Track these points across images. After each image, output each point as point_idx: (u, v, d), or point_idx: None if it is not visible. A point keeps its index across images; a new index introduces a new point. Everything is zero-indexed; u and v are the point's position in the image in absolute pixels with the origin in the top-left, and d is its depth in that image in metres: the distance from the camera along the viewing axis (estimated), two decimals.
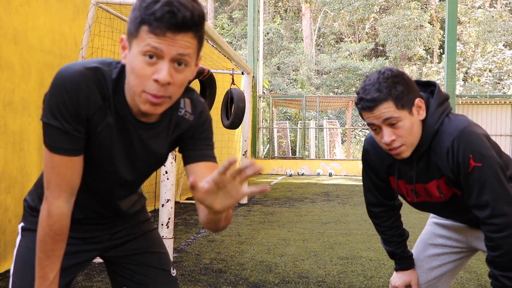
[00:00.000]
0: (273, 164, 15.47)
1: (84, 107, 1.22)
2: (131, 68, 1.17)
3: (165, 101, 1.19)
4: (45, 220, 1.27)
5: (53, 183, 1.26)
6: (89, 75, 1.22)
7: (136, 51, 1.15)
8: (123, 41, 1.21)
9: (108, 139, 1.29)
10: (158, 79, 1.14)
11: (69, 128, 1.22)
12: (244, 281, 3.50)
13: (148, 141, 1.34)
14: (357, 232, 5.42)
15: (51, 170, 1.26)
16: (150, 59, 1.14)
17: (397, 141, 1.61)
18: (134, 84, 1.18)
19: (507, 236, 1.56)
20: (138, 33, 1.14)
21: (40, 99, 4.05)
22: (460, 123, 1.61)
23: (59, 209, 1.27)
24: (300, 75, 25.62)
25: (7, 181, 3.64)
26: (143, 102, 1.19)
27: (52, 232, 1.27)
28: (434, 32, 26.65)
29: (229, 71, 7.04)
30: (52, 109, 1.21)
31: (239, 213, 6.81)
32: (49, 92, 1.22)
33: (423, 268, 1.97)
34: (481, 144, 1.57)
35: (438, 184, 1.70)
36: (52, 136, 1.23)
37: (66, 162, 1.25)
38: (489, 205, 1.57)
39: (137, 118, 1.30)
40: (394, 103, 1.57)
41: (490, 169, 1.56)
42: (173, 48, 1.13)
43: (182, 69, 1.18)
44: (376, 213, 1.94)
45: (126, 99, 1.27)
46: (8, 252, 3.68)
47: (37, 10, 4.00)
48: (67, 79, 1.20)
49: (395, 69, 1.63)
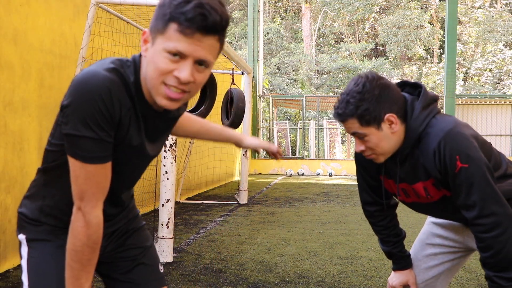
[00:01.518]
0: (273, 164, 15.47)
1: (118, 111, 1.22)
2: (153, 62, 1.18)
3: (184, 97, 1.22)
4: (83, 231, 1.25)
5: (89, 193, 1.24)
6: (116, 79, 1.22)
7: (161, 47, 1.16)
8: (146, 35, 1.22)
9: (136, 135, 1.31)
10: (179, 77, 1.17)
11: (103, 135, 1.20)
12: (244, 281, 3.50)
13: (164, 126, 1.40)
14: (357, 232, 5.42)
15: (85, 181, 1.23)
16: (174, 57, 1.16)
17: (367, 151, 1.70)
18: (153, 76, 1.19)
19: (496, 236, 1.56)
20: (166, 30, 1.15)
21: (40, 99, 4.05)
22: (447, 124, 1.61)
23: (97, 218, 1.26)
24: (300, 75, 25.61)
25: (7, 181, 3.64)
26: (162, 97, 1.21)
27: (91, 242, 1.26)
28: (434, 32, 26.64)
29: (229, 71, 7.04)
30: (84, 120, 1.17)
31: (239, 213, 6.81)
32: (76, 103, 1.17)
33: (421, 268, 1.97)
34: (468, 145, 1.57)
35: (425, 185, 1.71)
36: (85, 147, 1.20)
37: (100, 169, 1.24)
38: (477, 206, 1.57)
39: (156, 110, 1.32)
40: (358, 120, 1.63)
41: (477, 169, 1.56)
42: (198, 50, 1.15)
43: (203, 70, 1.20)
44: (372, 212, 1.95)
45: (145, 97, 1.29)
46: (8, 252, 3.68)
47: (37, 10, 4.00)
48: (99, 87, 1.17)
49: (372, 80, 1.62)
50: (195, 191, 9.02)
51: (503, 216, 1.57)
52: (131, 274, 1.53)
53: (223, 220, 6.14)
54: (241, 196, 7.82)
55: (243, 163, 7.96)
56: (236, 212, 6.91)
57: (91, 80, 1.17)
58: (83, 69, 1.25)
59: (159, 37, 1.16)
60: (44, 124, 4.11)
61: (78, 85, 1.17)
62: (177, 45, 1.14)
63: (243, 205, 7.61)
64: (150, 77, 1.20)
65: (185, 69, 1.16)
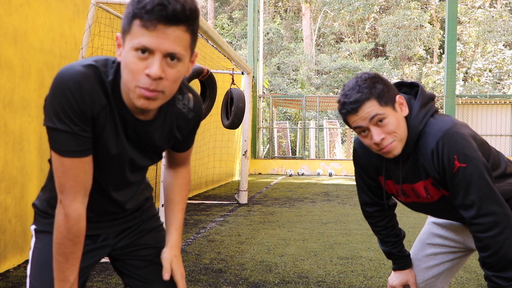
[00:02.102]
0: (273, 164, 15.47)
1: (89, 106, 1.22)
2: (125, 63, 1.18)
3: (159, 96, 1.20)
4: (62, 224, 1.27)
5: (67, 186, 1.26)
6: (90, 74, 1.22)
7: (129, 47, 1.16)
8: (118, 39, 1.22)
9: (114, 137, 1.30)
10: (149, 73, 1.15)
11: (77, 129, 1.21)
12: (244, 281, 3.50)
13: (146, 137, 1.36)
14: (357, 232, 5.42)
15: (63, 174, 1.25)
16: (142, 54, 1.15)
17: (387, 139, 1.61)
18: (128, 79, 1.18)
19: (494, 235, 1.56)
20: (131, 28, 1.15)
21: (40, 99, 4.05)
22: (445, 124, 1.61)
23: (76, 211, 1.27)
24: (300, 75, 25.61)
25: (7, 181, 3.64)
26: (138, 97, 1.19)
27: (71, 235, 1.28)
28: (434, 32, 26.65)
29: (229, 71, 7.04)
30: (57, 112, 1.19)
31: (239, 213, 6.81)
32: (51, 96, 1.21)
33: (421, 267, 1.97)
34: (466, 145, 1.57)
35: (425, 185, 1.71)
36: (60, 140, 1.22)
37: (77, 164, 1.25)
38: (475, 205, 1.57)
39: (135, 116, 1.31)
40: (377, 100, 1.59)
41: (475, 169, 1.56)
42: (164, 43, 1.13)
43: (175, 64, 1.18)
44: (371, 212, 1.94)
45: (123, 99, 1.27)
46: (8, 252, 3.68)
47: (37, 10, 4.00)
48: (69, 80, 1.19)
49: (371, 72, 1.65)
50: (195, 191, 9.02)
51: (501, 215, 1.57)
52: (143, 272, 1.53)
53: (223, 220, 6.14)
54: (241, 196, 7.82)
55: (243, 163, 7.96)
56: (236, 212, 6.91)
57: (64, 75, 1.20)
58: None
59: (127, 37, 1.17)
60: None
61: (54, 79, 1.21)
62: (141, 40, 1.13)
63: (243, 205, 7.61)
64: (126, 81, 1.20)
65: (154, 64, 1.14)
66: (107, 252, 1.52)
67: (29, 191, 3.93)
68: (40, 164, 4.07)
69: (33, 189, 3.97)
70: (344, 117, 1.65)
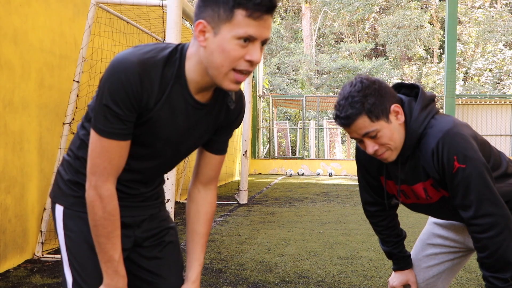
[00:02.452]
0: (273, 164, 15.47)
1: (144, 95, 1.25)
2: (222, 50, 1.20)
3: (245, 79, 1.27)
4: (97, 204, 1.29)
5: (101, 167, 1.28)
6: (148, 63, 1.25)
7: (230, 35, 1.19)
8: (201, 25, 1.22)
9: (166, 120, 1.32)
10: (252, 59, 1.21)
11: (123, 114, 1.24)
12: (244, 281, 3.50)
13: (201, 119, 1.38)
14: (357, 232, 5.42)
15: (99, 155, 1.28)
16: (244, 42, 1.20)
17: (380, 149, 1.64)
18: (222, 64, 1.22)
19: (492, 236, 1.56)
20: (233, 18, 1.18)
21: (40, 99, 4.05)
22: (445, 124, 1.61)
23: (109, 191, 1.30)
24: (300, 75, 25.62)
25: (7, 181, 3.64)
26: (230, 81, 1.24)
27: (107, 213, 1.30)
28: (434, 32, 26.65)
29: None
30: (109, 93, 1.23)
31: (239, 213, 6.81)
32: (107, 76, 1.24)
33: (421, 267, 1.97)
34: (466, 146, 1.57)
35: (425, 186, 1.71)
36: (104, 120, 1.25)
37: (115, 146, 1.27)
38: (474, 206, 1.57)
39: (195, 98, 1.34)
40: (368, 116, 1.59)
41: (475, 170, 1.56)
42: (265, 31, 1.21)
43: (263, 49, 1.26)
44: (373, 212, 1.94)
45: (187, 82, 1.31)
46: (8, 252, 3.68)
47: (37, 10, 4.00)
48: (126, 69, 1.22)
49: (366, 79, 1.63)
50: None
51: (500, 217, 1.57)
52: (153, 274, 1.51)
53: (223, 220, 6.14)
54: (241, 196, 7.82)
55: (243, 163, 7.96)
56: (236, 212, 6.91)
57: (122, 62, 1.24)
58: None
59: (225, 25, 1.19)
60: (44, 124, 4.12)
61: (113, 61, 1.24)
62: (247, 30, 1.18)
63: (243, 205, 7.61)
64: (218, 65, 1.22)
65: (256, 51, 1.21)
66: (131, 242, 1.48)
67: (29, 191, 3.92)
68: (40, 164, 4.07)
69: (33, 189, 3.97)
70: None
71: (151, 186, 1.49)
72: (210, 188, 1.55)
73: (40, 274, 3.56)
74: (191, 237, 1.56)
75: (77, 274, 1.40)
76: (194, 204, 1.55)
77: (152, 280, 1.51)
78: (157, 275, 1.52)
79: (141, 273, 1.52)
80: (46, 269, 3.71)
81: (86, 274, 1.39)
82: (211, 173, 1.53)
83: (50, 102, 4.19)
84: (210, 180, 1.54)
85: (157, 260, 1.53)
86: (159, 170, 1.45)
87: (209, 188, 1.55)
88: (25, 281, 3.40)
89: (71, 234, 1.41)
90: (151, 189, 1.49)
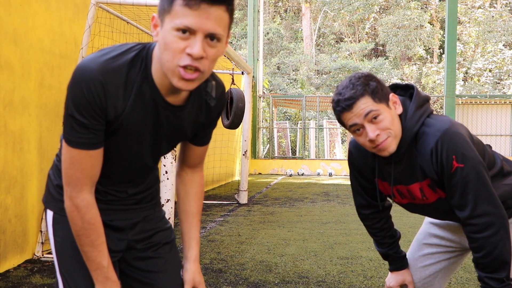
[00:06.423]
0: (273, 164, 15.47)
1: (108, 101, 1.22)
2: (164, 43, 1.17)
3: (198, 77, 1.20)
4: (76, 215, 1.28)
5: (74, 178, 1.26)
6: (111, 69, 1.21)
7: (169, 27, 1.15)
8: (155, 19, 1.20)
9: (137, 125, 1.30)
10: (191, 53, 1.14)
11: (90, 123, 1.22)
12: (244, 281, 3.50)
13: (175, 123, 1.36)
14: (357, 232, 5.42)
15: (70, 166, 1.26)
16: (183, 34, 1.14)
17: (382, 135, 1.60)
18: (167, 59, 1.17)
19: (488, 236, 1.56)
20: (172, 8, 1.14)
21: (40, 99, 4.05)
22: (443, 124, 1.61)
23: (84, 200, 1.28)
24: (300, 75, 25.61)
25: (7, 181, 3.64)
26: (177, 78, 1.18)
27: (86, 223, 1.28)
28: (434, 32, 26.64)
29: (229, 71, 7.04)
30: (74, 103, 1.20)
31: (239, 213, 6.81)
32: (71, 86, 1.21)
33: (417, 267, 1.98)
34: (464, 145, 1.57)
35: (421, 186, 1.71)
36: (71, 130, 1.23)
37: (85, 156, 1.25)
38: (470, 205, 1.57)
39: (166, 100, 1.30)
40: (371, 97, 1.59)
41: (473, 169, 1.56)
42: (206, 23, 1.13)
43: (215, 44, 1.18)
44: (367, 215, 1.94)
45: (154, 83, 1.27)
46: (8, 252, 3.68)
47: (37, 10, 4.00)
48: (86, 78, 1.19)
49: (364, 71, 1.66)
50: None
51: (496, 216, 1.57)
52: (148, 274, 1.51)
53: (223, 220, 6.14)
54: (241, 196, 7.82)
55: (243, 163, 7.96)
56: (236, 212, 6.91)
57: (85, 68, 1.21)
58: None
59: (167, 17, 1.16)
60: (44, 124, 4.12)
61: (76, 70, 1.22)
62: (183, 20, 1.12)
63: (243, 205, 7.61)
64: (165, 60, 1.18)
65: (195, 44, 1.14)
66: (124, 246, 1.48)
67: (29, 191, 3.92)
68: (40, 164, 4.07)
69: (33, 189, 3.97)
70: (339, 116, 1.64)
71: (140, 186, 1.47)
72: (196, 171, 1.58)
73: (40, 274, 3.57)
74: (184, 218, 1.56)
75: (65, 280, 1.39)
76: (183, 185, 1.57)
77: (149, 282, 1.50)
78: (154, 273, 1.51)
79: (137, 274, 1.51)
80: (46, 269, 3.71)
81: (74, 279, 1.38)
82: (197, 160, 1.56)
83: (50, 102, 4.19)
84: (196, 164, 1.57)
85: (152, 259, 1.52)
86: (141, 170, 1.43)
87: (195, 171, 1.57)
88: (25, 281, 3.40)
89: (59, 239, 1.41)
90: (141, 189, 1.48)
